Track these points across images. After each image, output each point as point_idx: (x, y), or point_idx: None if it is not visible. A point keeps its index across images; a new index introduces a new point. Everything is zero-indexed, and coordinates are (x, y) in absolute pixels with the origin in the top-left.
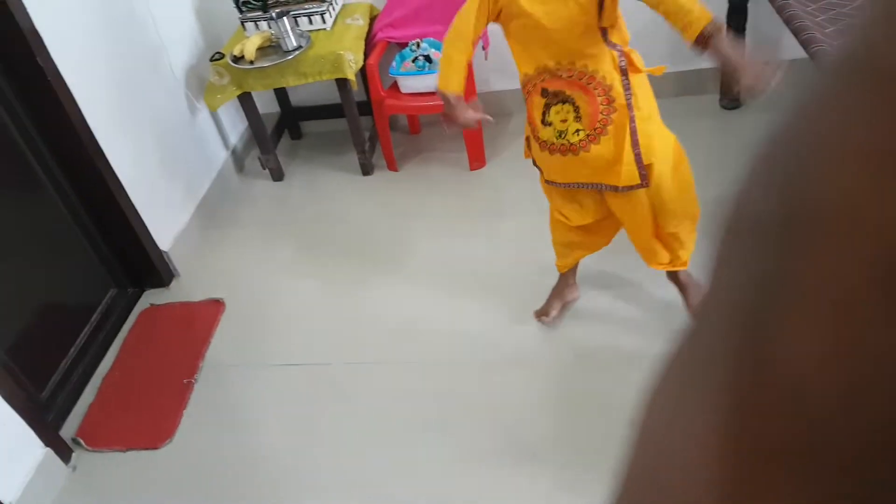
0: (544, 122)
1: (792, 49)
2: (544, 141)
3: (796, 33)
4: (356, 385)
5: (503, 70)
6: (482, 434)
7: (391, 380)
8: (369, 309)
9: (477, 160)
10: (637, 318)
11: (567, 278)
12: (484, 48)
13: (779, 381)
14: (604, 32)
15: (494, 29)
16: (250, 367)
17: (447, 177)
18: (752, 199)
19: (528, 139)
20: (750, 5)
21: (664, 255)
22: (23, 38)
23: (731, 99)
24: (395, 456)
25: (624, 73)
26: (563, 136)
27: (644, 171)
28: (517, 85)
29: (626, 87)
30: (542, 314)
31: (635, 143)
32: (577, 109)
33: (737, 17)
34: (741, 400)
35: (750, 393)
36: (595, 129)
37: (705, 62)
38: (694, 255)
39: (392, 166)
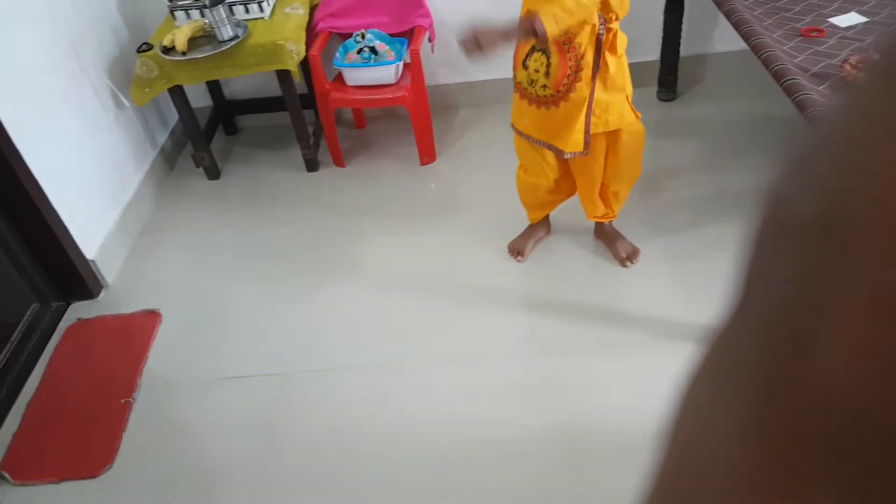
0: (524, 65)
1: (724, 42)
2: (519, 82)
3: (736, 26)
4: (315, 394)
5: (450, 64)
6: (447, 436)
7: (351, 386)
8: (322, 312)
9: (427, 154)
10: (591, 304)
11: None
12: (430, 41)
13: (816, 379)
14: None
15: (440, 21)
16: (194, 382)
17: (397, 172)
18: (789, 200)
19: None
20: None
21: (601, 209)
22: None
23: (671, 92)
24: (362, 468)
25: (598, 45)
26: (533, 84)
27: (588, 139)
28: (465, 79)
29: (597, 61)
30: (517, 254)
31: (589, 114)
32: (548, 66)
33: (674, 8)
34: (777, 396)
35: (786, 390)
36: (558, 92)
37: (644, 56)
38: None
39: (339, 162)
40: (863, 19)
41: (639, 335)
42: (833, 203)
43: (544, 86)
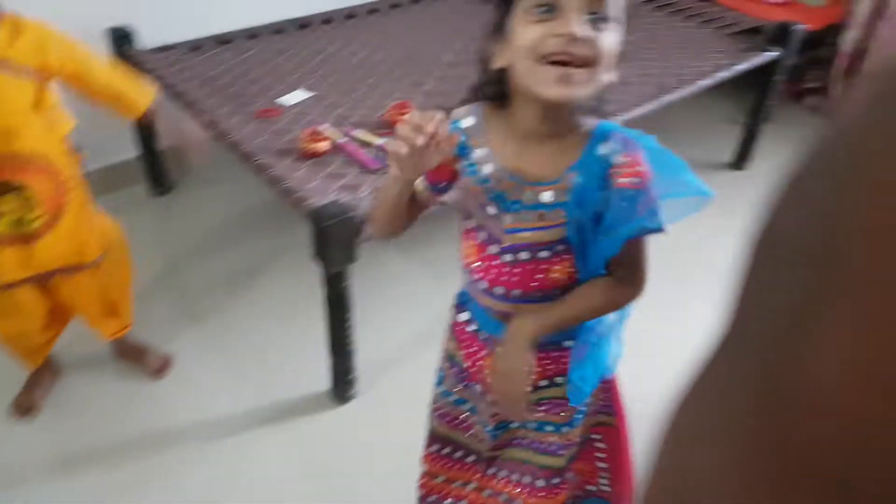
0: None
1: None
2: None
3: (196, 118)
4: None
5: None
6: None
7: None
8: None
9: None
10: (135, 434)
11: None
12: None
13: (809, 396)
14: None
15: None
16: None
17: None
18: (788, 215)
19: None
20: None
21: (116, 324)
22: None
23: (162, 186)
24: None
25: (69, 151)
26: (20, 224)
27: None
28: None
29: (73, 164)
30: (25, 411)
31: (89, 218)
32: (30, 195)
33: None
34: (771, 412)
35: (780, 406)
36: (55, 212)
37: (122, 156)
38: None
39: None
40: (307, 95)
41: (198, 442)
42: (828, 223)
43: (37, 216)
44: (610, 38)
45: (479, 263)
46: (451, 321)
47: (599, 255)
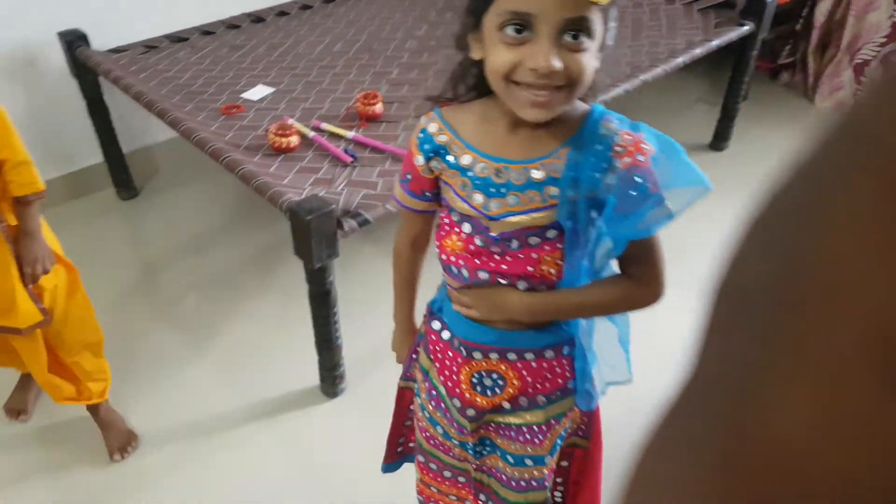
0: None
1: (164, 131)
2: None
3: (160, 116)
4: None
5: None
6: None
7: None
8: None
9: None
10: None
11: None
12: None
13: (768, 449)
14: None
15: None
16: None
17: None
18: (747, 264)
19: None
20: (107, 98)
21: (69, 389)
22: None
23: (129, 190)
24: None
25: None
26: None
27: (43, 305)
28: None
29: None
30: (16, 414)
31: (26, 280)
32: None
33: (97, 111)
34: (730, 465)
35: (739, 459)
36: None
37: (87, 161)
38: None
39: None
40: (270, 90)
41: (191, 442)
42: (790, 267)
43: None
44: (588, 58)
45: (464, 255)
46: (422, 332)
47: (600, 251)
